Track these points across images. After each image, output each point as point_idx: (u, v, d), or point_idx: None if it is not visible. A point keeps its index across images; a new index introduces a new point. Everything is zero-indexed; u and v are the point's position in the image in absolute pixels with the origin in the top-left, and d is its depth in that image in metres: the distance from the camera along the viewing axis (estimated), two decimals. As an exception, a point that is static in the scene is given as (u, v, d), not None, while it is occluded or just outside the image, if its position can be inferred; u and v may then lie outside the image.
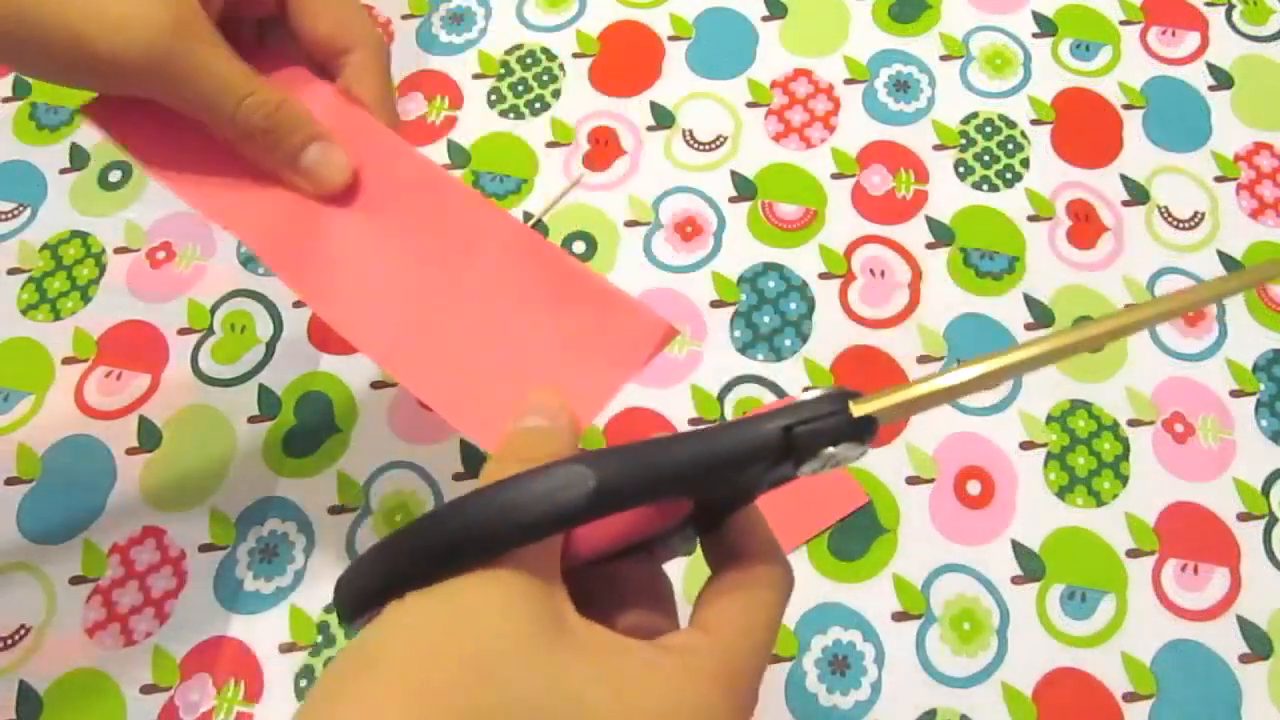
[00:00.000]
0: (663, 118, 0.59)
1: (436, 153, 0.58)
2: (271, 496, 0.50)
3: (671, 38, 0.62)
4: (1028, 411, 0.51)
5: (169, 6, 0.28)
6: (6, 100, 0.61)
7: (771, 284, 0.54)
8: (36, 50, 0.29)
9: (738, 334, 0.53)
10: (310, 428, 0.51)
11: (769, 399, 0.52)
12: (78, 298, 0.55)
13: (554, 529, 0.22)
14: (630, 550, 0.27)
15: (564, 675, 0.21)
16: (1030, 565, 0.48)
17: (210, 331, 0.54)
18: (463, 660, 0.21)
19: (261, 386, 0.52)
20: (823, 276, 0.55)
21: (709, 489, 0.25)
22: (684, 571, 0.47)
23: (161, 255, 0.56)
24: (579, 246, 0.56)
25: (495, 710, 0.20)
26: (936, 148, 0.58)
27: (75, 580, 0.48)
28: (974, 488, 0.50)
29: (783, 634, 0.47)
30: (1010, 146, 0.58)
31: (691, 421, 0.51)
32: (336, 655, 0.25)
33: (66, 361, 0.53)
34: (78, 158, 0.59)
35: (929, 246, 0.55)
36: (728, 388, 0.52)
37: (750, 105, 0.60)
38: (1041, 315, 0.53)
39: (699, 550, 0.28)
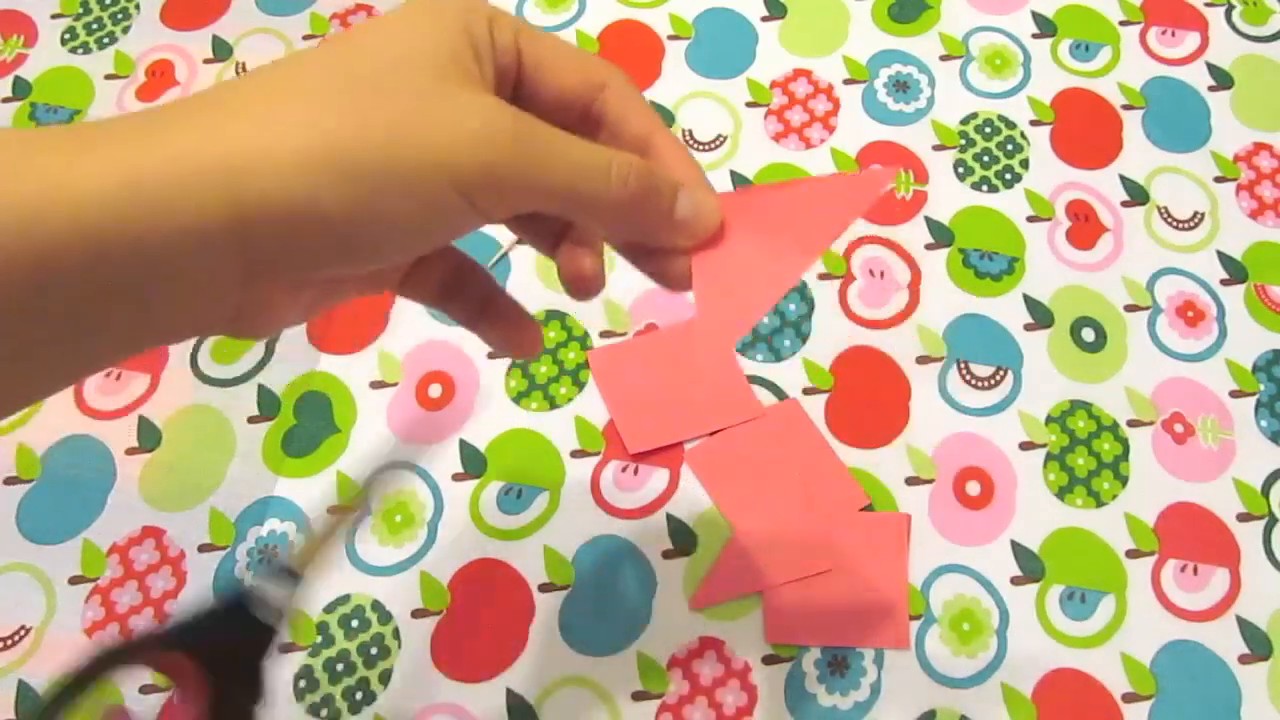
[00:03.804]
0: (662, 117, 0.59)
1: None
2: (271, 496, 0.50)
3: (671, 37, 0.62)
4: (1027, 412, 0.51)
5: (501, 104, 0.25)
6: (6, 100, 0.61)
7: (771, 284, 0.54)
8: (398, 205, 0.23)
9: (737, 334, 0.53)
10: (309, 428, 0.51)
11: (769, 399, 0.51)
12: (77, 298, 0.54)
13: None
14: None
15: None
16: (1030, 565, 0.48)
17: (210, 331, 0.54)
18: None
19: (261, 386, 0.52)
20: (822, 277, 0.55)
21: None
22: (684, 572, 0.47)
23: (161, 255, 0.56)
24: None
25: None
26: (936, 148, 0.58)
27: (75, 580, 0.48)
28: (973, 488, 0.50)
29: (782, 634, 0.47)
30: (1010, 147, 0.58)
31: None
32: None
33: (66, 361, 0.53)
34: (77, 158, 0.59)
35: (928, 247, 0.55)
36: (727, 388, 0.52)
37: (750, 105, 0.60)
38: (1041, 316, 0.53)
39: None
